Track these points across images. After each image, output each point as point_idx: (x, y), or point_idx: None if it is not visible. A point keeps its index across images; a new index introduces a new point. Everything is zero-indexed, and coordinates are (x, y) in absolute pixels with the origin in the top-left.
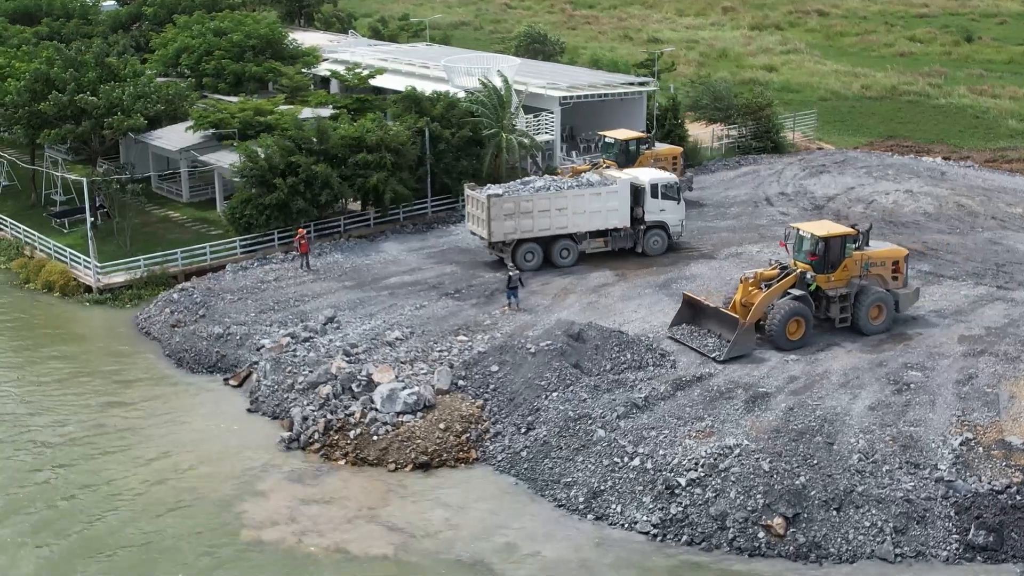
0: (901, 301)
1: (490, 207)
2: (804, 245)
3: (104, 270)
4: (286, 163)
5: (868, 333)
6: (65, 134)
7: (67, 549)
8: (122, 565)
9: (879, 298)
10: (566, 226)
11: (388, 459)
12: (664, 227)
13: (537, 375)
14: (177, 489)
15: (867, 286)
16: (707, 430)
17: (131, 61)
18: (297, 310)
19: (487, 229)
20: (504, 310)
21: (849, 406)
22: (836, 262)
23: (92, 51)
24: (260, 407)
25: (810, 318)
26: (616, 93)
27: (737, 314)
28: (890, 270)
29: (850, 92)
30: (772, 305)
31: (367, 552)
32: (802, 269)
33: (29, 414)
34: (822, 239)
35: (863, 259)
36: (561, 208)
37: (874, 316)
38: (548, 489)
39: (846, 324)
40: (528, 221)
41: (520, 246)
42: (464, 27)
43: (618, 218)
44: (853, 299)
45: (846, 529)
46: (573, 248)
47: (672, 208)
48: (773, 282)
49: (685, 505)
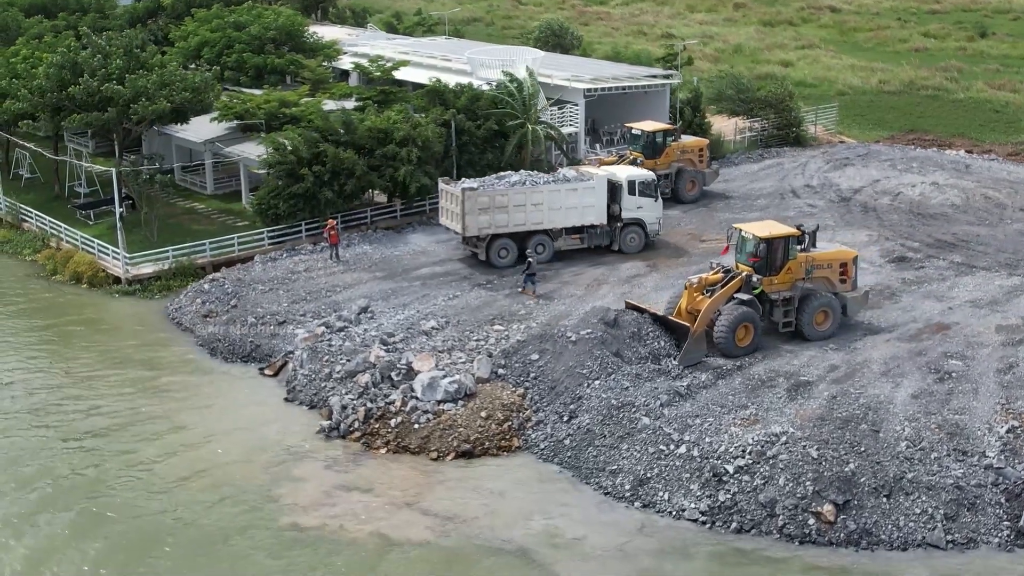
0: (849, 305)
1: (464, 201)
2: (746, 247)
3: (133, 261)
4: (312, 153)
5: (812, 339)
6: (91, 120)
7: (107, 538)
8: (162, 552)
9: (825, 303)
10: (542, 222)
11: (430, 447)
12: (641, 224)
13: (578, 363)
14: (215, 476)
15: (813, 290)
16: (751, 418)
17: (157, 52)
18: (329, 300)
19: (461, 223)
20: (527, 295)
21: (892, 394)
22: (779, 264)
23: (121, 40)
24: (297, 396)
25: (758, 323)
26: (640, 86)
27: (683, 321)
28: (837, 272)
29: (868, 87)
30: (719, 311)
31: (408, 538)
32: (747, 272)
33: (62, 402)
34: (763, 240)
35: (808, 261)
36: (537, 204)
37: (819, 321)
38: (593, 477)
39: (790, 329)
40: (503, 216)
41: (494, 241)
42: (476, 23)
43: (594, 215)
44: (797, 303)
45: (896, 516)
46: (548, 244)
47: (649, 206)
48: (717, 287)
49: (733, 492)
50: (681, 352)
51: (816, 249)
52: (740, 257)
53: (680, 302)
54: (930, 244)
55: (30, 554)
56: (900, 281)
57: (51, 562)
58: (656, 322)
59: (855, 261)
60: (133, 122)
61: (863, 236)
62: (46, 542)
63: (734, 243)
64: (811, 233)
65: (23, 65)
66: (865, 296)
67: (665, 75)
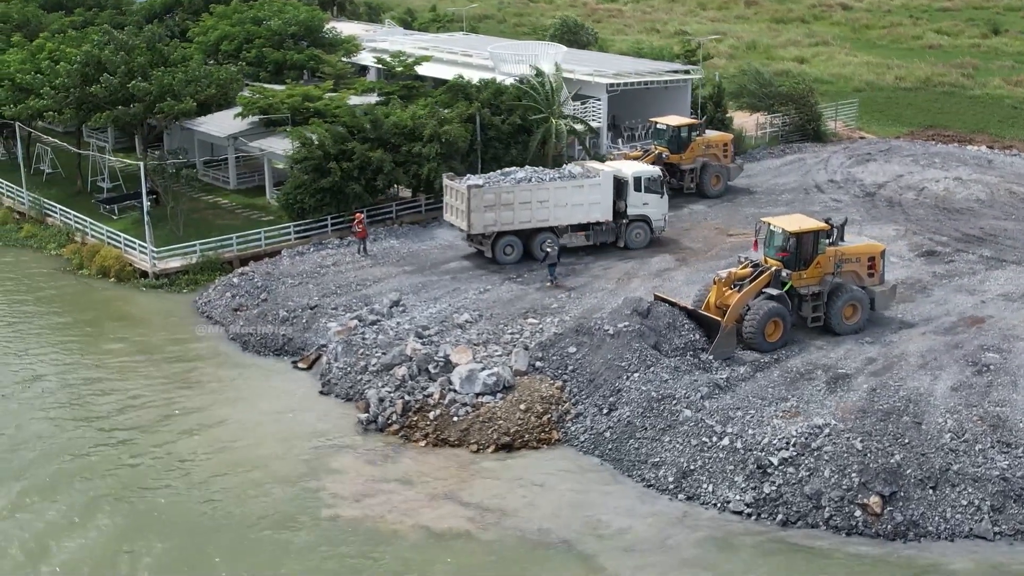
0: (877, 300)
1: (470, 198)
2: (775, 241)
3: (160, 255)
4: (338, 150)
5: (841, 333)
6: (117, 117)
7: (150, 532)
8: (203, 543)
9: (854, 296)
10: (547, 219)
11: (470, 440)
12: (647, 221)
13: (617, 356)
14: (254, 469)
15: (841, 284)
16: (793, 410)
17: (180, 47)
18: (360, 294)
19: (467, 221)
20: (556, 286)
21: (931, 387)
22: (808, 259)
23: (143, 35)
24: (332, 389)
25: (788, 318)
26: (663, 81)
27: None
28: (865, 266)
29: (884, 83)
30: (748, 306)
31: (450, 530)
32: (776, 267)
33: (97, 395)
34: (793, 235)
35: (837, 255)
36: (542, 201)
37: (848, 315)
38: (635, 469)
39: (819, 324)
40: (508, 213)
41: (500, 239)
42: (487, 20)
43: (600, 211)
44: (826, 298)
45: (943, 507)
46: (554, 241)
47: (655, 202)
48: (746, 282)
49: (778, 484)
50: (712, 346)
51: (844, 243)
52: (769, 251)
53: (709, 297)
54: (958, 238)
55: (75, 548)
56: (931, 275)
57: (96, 557)
58: (686, 316)
59: (883, 255)
60: (160, 120)
61: (890, 231)
62: (90, 538)
63: (762, 237)
64: (839, 227)
65: (47, 61)
66: (893, 290)
67: (686, 70)
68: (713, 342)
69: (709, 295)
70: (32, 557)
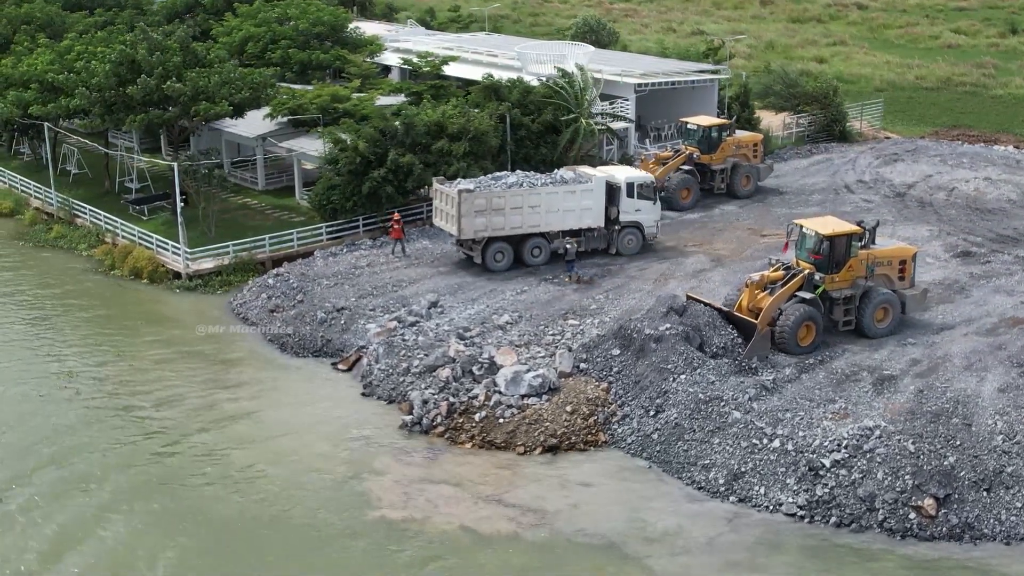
0: (908, 303)
1: (460, 203)
2: (807, 243)
3: (193, 256)
4: (373, 153)
5: (873, 336)
6: (152, 119)
7: (194, 533)
8: (248, 544)
9: (885, 299)
10: (538, 224)
11: (516, 442)
12: (639, 227)
13: (662, 358)
14: (298, 470)
15: (873, 287)
16: (842, 412)
17: (215, 47)
18: (397, 295)
19: (457, 226)
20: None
21: (978, 388)
22: (841, 262)
23: (177, 36)
24: (374, 391)
25: (820, 322)
26: (690, 80)
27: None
28: (897, 270)
29: (905, 83)
30: (780, 310)
31: (497, 531)
32: (808, 270)
33: (135, 396)
34: (827, 238)
35: (869, 259)
36: (534, 206)
37: (879, 318)
38: (684, 471)
39: (850, 328)
40: (499, 219)
41: (490, 244)
42: (503, 19)
43: (592, 217)
44: (858, 301)
45: (998, 510)
46: (545, 247)
47: (648, 208)
48: (778, 285)
49: (831, 486)
50: (747, 348)
51: (875, 246)
52: (801, 254)
53: (741, 299)
54: (992, 239)
55: (117, 548)
56: (968, 276)
57: (145, 558)
58: (721, 317)
59: (914, 258)
60: (195, 122)
61: (924, 231)
62: (134, 537)
63: (794, 239)
64: (871, 230)
65: (80, 62)
66: (924, 294)
67: (714, 70)
68: (748, 344)
69: (741, 298)
70: (60, 548)
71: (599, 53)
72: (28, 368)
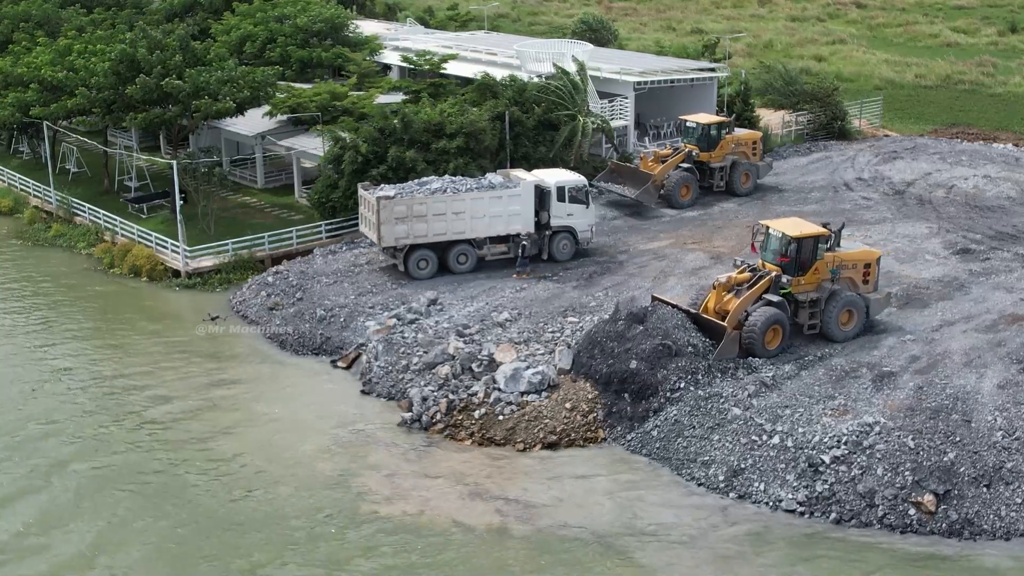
0: (872, 306)
1: (380, 210)
2: (772, 244)
3: (192, 254)
4: (373, 152)
5: (837, 340)
6: (152, 118)
7: (190, 528)
8: (241, 540)
9: (850, 302)
10: (464, 231)
11: (516, 439)
12: (572, 232)
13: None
14: (296, 466)
15: (838, 290)
16: (841, 408)
17: (215, 46)
18: (396, 292)
19: (377, 233)
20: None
21: (978, 385)
22: (807, 264)
23: (176, 35)
24: (374, 388)
25: (787, 325)
26: (690, 78)
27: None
28: (861, 273)
29: (904, 81)
30: (747, 312)
31: (488, 525)
32: (775, 272)
33: (136, 393)
34: (795, 239)
35: (835, 261)
36: (458, 212)
37: (844, 322)
38: (684, 468)
39: (814, 331)
40: (422, 225)
41: (413, 252)
42: (502, 19)
43: (521, 223)
44: (823, 304)
45: (998, 506)
46: (471, 254)
47: (581, 212)
48: (744, 287)
49: (831, 483)
50: (716, 351)
51: (840, 248)
52: (767, 255)
53: (707, 301)
54: (992, 236)
55: (98, 540)
56: (967, 273)
57: (137, 554)
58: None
59: (878, 262)
60: (196, 120)
61: (923, 229)
62: (115, 530)
63: (759, 241)
64: (837, 232)
65: (80, 60)
66: (887, 297)
67: (712, 68)
68: (717, 347)
69: (708, 299)
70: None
71: (597, 51)
72: (24, 364)
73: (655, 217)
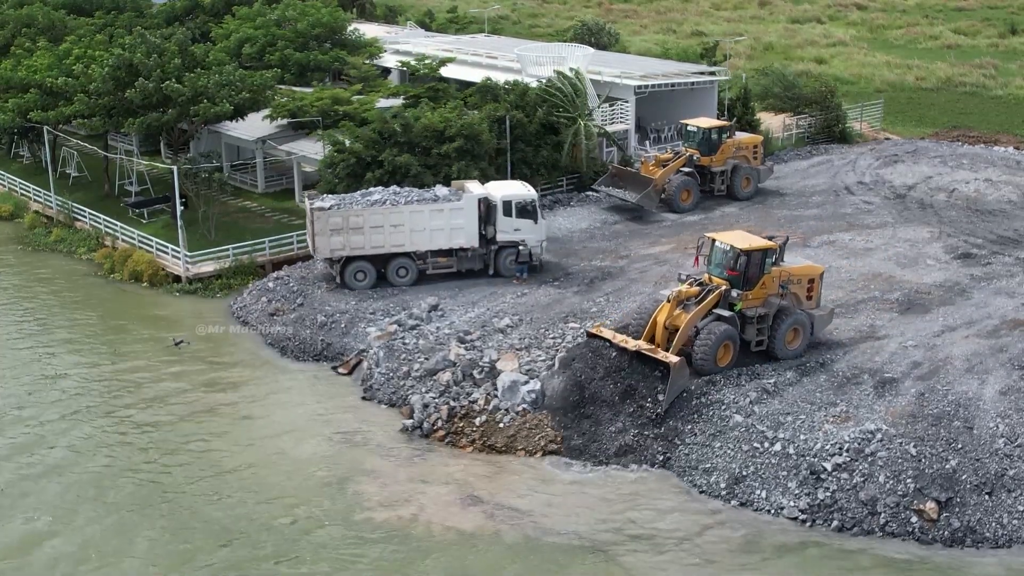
0: (816, 323)
1: (314, 220)
2: (718, 257)
3: (193, 259)
4: (371, 156)
5: (783, 358)
6: (151, 122)
7: (183, 532)
8: (237, 542)
9: (797, 320)
10: (403, 244)
11: (516, 447)
12: (520, 247)
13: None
14: (294, 472)
15: (786, 306)
16: (843, 415)
17: (214, 50)
18: (397, 298)
19: (312, 244)
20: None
21: (980, 391)
22: (754, 279)
23: (175, 39)
24: (375, 395)
25: (738, 342)
26: (690, 82)
27: (659, 336)
28: (805, 289)
29: (905, 83)
30: (697, 328)
31: (483, 531)
32: (724, 287)
33: (137, 399)
34: (744, 252)
35: (781, 276)
36: (396, 224)
37: (790, 340)
38: (685, 475)
39: (762, 348)
40: (359, 237)
41: (350, 263)
42: (502, 21)
43: (464, 237)
44: (771, 320)
45: (1000, 513)
46: (411, 267)
47: (529, 228)
48: (692, 302)
49: (833, 490)
50: (667, 390)
51: (784, 263)
52: (713, 269)
53: (656, 315)
54: (993, 240)
55: (95, 539)
56: (968, 277)
57: (130, 558)
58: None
59: (821, 277)
60: (195, 124)
61: (924, 233)
62: (111, 533)
63: (704, 254)
64: (782, 246)
65: (79, 65)
66: (831, 314)
67: (713, 71)
68: (667, 384)
69: (657, 314)
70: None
71: (598, 55)
72: (23, 370)
73: (656, 221)
